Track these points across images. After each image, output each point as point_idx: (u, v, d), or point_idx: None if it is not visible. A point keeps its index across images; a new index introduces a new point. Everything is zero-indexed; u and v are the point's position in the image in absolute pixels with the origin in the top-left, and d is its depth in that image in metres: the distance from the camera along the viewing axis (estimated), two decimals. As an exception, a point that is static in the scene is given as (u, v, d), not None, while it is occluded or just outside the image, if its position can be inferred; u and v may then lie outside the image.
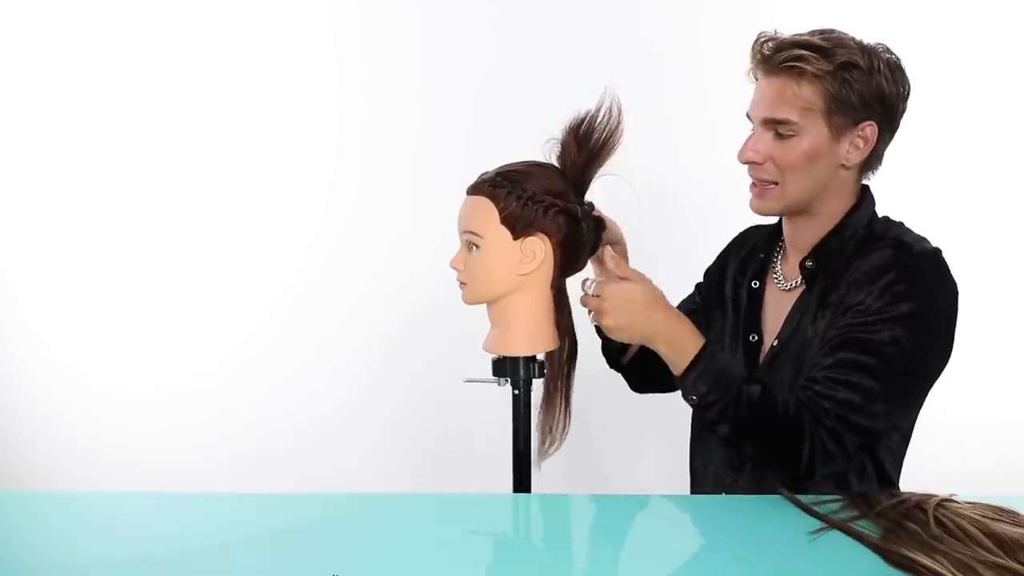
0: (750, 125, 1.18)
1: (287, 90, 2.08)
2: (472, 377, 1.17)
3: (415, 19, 2.08)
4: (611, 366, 1.40)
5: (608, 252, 1.12)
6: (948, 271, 1.13)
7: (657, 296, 1.09)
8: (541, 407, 1.15)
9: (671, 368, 1.09)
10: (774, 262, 1.27)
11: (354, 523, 1.00)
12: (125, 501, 1.10)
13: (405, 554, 0.90)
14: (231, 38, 2.07)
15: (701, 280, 1.42)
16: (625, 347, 1.34)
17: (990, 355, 1.97)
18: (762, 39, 1.15)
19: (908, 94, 1.15)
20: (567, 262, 1.12)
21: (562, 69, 2.03)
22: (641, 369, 1.36)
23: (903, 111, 1.16)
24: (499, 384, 1.15)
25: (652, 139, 2.00)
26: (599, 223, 1.15)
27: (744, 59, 1.18)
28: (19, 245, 2.11)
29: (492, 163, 1.14)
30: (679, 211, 2.00)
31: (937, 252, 1.14)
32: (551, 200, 1.08)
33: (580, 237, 1.11)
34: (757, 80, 1.17)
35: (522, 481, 1.15)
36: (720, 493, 1.27)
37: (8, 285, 2.12)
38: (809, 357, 1.15)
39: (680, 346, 1.07)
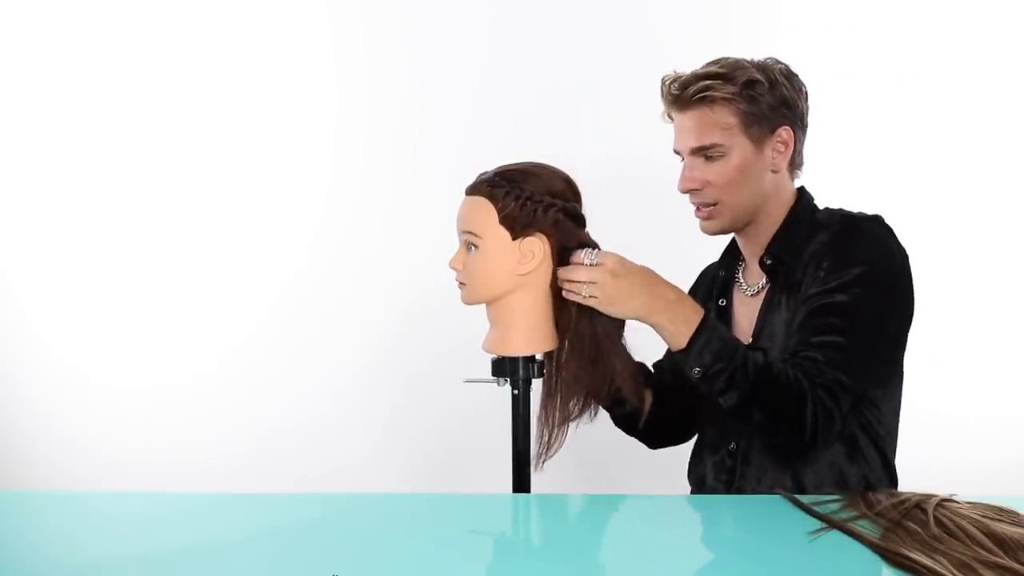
0: (679, 159, 1.26)
1: (287, 90, 2.08)
2: (472, 377, 1.17)
3: (415, 19, 2.08)
4: (629, 432, 1.38)
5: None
6: (893, 233, 1.18)
7: (654, 273, 1.11)
8: (539, 409, 1.14)
9: (670, 342, 1.09)
10: (737, 277, 1.33)
11: (354, 523, 1.00)
12: (125, 501, 1.10)
13: (405, 554, 0.90)
14: (231, 38, 2.07)
15: None
16: (637, 411, 1.32)
17: (990, 355, 1.97)
18: (668, 81, 1.24)
19: (807, 94, 1.25)
20: (566, 262, 1.12)
21: (562, 69, 2.03)
22: (657, 424, 1.34)
23: (807, 109, 1.26)
24: (499, 384, 1.14)
25: (652, 139, 2.01)
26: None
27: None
28: (19, 245, 2.12)
29: (491, 163, 1.14)
30: (678, 210, 2.00)
31: (880, 217, 1.20)
32: (550, 200, 1.08)
33: (579, 236, 1.11)
34: (672, 119, 1.27)
35: (522, 481, 1.15)
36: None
37: (8, 285, 2.12)
38: (779, 343, 1.19)
39: (682, 317, 1.08)
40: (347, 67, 2.08)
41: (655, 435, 1.38)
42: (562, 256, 1.11)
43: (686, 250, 1.50)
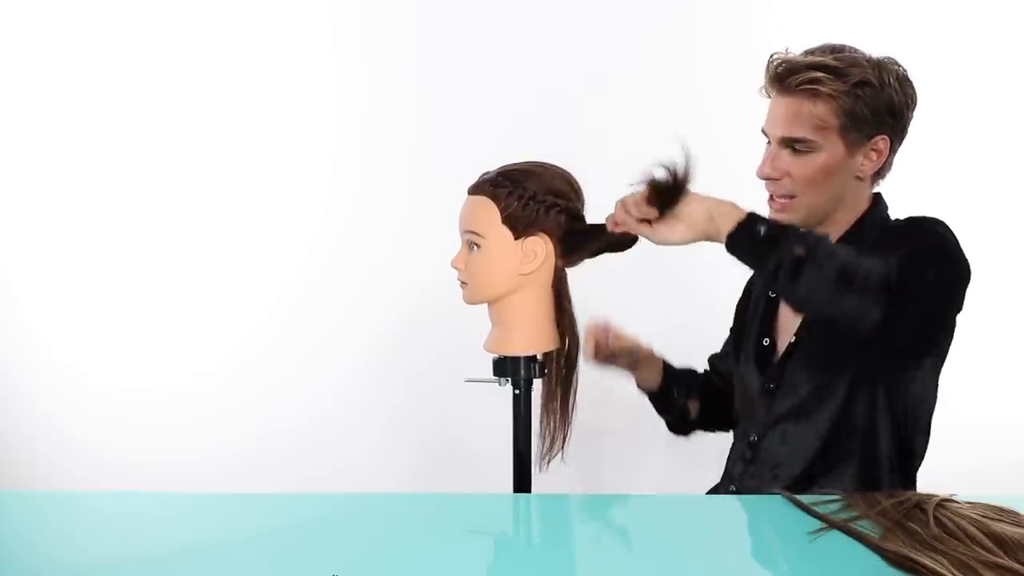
0: (764, 139, 1.20)
1: (287, 90, 2.08)
2: (472, 377, 1.17)
3: (415, 19, 2.08)
4: (677, 433, 1.45)
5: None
6: (959, 244, 1.12)
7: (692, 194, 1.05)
8: (541, 409, 1.14)
9: (717, 237, 1.03)
10: None
11: (354, 523, 1.00)
12: (125, 501, 1.10)
13: (405, 554, 0.90)
14: (231, 38, 2.07)
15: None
16: (684, 418, 1.41)
17: (990, 355, 1.97)
18: (776, 60, 1.17)
19: (915, 103, 1.18)
20: (568, 260, 1.12)
21: (562, 69, 2.03)
22: (705, 423, 1.43)
23: (911, 120, 1.19)
24: (500, 384, 1.15)
25: (650, 140, 2.01)
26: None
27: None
28: (19, 245, 2.11)
29: (492, 163, 1.14)
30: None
31: (947, 224, 1.15)
32: (552, 200, 1.09)
33: (581, 235, 1.11)
34: (770, 97, 1.19)
35: (522, 481, 1.15)
36: (730, 485, 1.28)
37: (8, 285, 2.12)
38: (827, 354, 1.17)
39: (725, 215, 1.03)
40: (347, 67, 2.08)
41: (704, 429, 1.45)
42: (564, 254, 1.11)
43: (687, 250, 1.51)
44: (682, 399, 1.39)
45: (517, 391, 1.14)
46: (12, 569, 0.87)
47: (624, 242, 1.13)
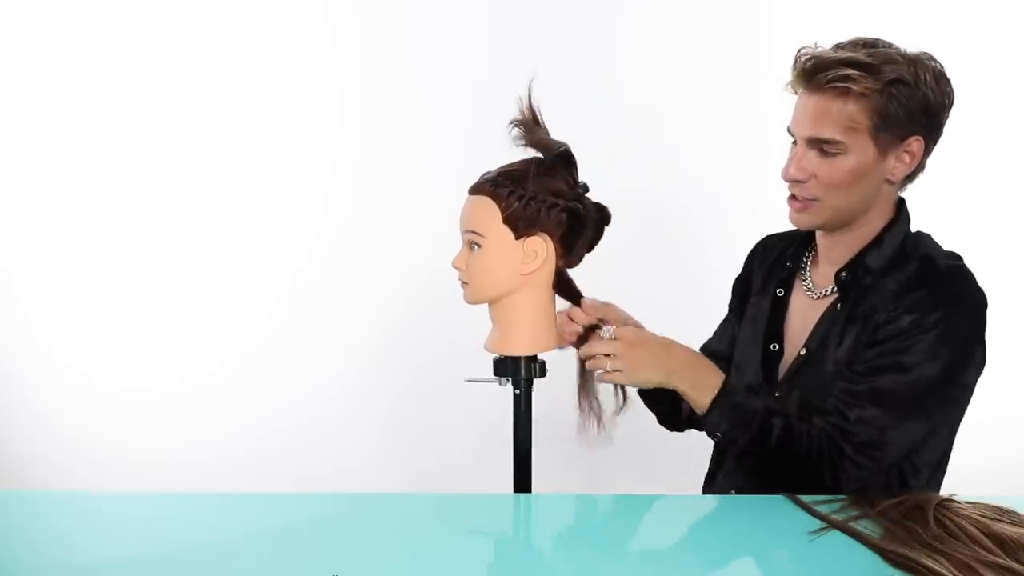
0: (790, 139, 1.16)
1: (287, 90, 2.08)
2: (473, 377, 1.17)
3: (415, 19, 2.08)
4: (672, 429, 1.41)
5: (586, 302, 1.15)
6: (974, 282, 1.13)
7: (668, 339, 1.12)
8: (578, 391, 1.15)
9: (693, 406, 1.12)
10: (803, 271, 1.25)
11: (354, 523, 1.00)
12: (125, 501, 1.10)
13: (405, 554, 0.90)
14: (231, 38, 2.07)
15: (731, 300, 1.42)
16: (676, 410, 1.35)
17: (990, 355, 1.96)
18: (804, 55, 1.11)
19: (952, 102, 1.12)
20: (569, 259, 1.12)
21: (562, 69, 2.03)
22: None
23: (947, 119, 1.13)
24: (500, 384, 1.15)
25: (649, 141, 2.01)
26: (603, 214, 1.14)
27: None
28: (19, 245, 2.12)
29: (492, 163, 1.14)
30: (678, 209, 2.00)
31: (962, 265, 1.15)
32: (553, 200, 1.08)
33: (582, 233, 1.11)
34: (797, 94, 1.14)
35: (522, 481, 1.15)
36: (730, 490, 1.28)
37: (8, 285, 2.12)
38: (831, 371, 1.14)
39: (701, 382, 1.10)
40: (347, 67, 2.08)
41: (698, 427, 1.38)
42: (565, 254, 1.11)
43: (687, 250, 1.51)
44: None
45: (517, 391, 1.14)
46: (12, 569, 0.87)
47: (604, 213, 1.13)
